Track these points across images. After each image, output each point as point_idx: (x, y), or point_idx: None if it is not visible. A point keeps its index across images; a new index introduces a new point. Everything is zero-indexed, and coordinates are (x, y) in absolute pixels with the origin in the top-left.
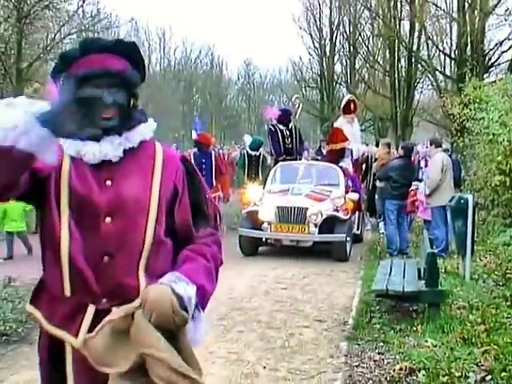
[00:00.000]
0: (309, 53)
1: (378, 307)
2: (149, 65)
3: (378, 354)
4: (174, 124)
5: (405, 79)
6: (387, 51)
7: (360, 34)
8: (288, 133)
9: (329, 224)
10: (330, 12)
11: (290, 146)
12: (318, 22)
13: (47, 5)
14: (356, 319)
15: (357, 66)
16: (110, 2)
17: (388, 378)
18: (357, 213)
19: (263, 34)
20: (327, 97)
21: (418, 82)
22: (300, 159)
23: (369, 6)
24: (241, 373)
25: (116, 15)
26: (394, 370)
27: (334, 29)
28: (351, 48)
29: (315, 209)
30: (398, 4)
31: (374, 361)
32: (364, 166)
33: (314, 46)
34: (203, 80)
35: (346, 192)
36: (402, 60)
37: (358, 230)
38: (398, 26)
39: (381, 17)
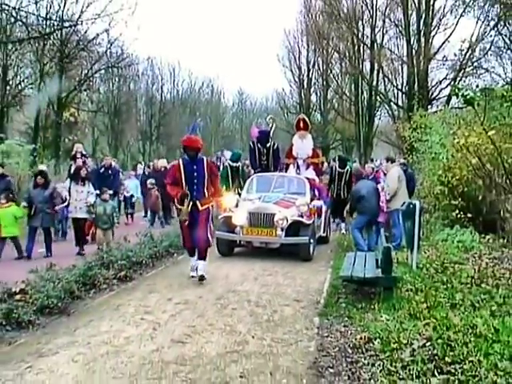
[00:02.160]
0: (290, 85)
1: (344, 290)
2: (161, 94)
3: (344, 326)
4: None
5: (367, 108)
6: (353, 86)
7: (331, 72)
8: (265, 151)
9: (294, 228)
10: (307, 53)
11: (266, 162)
12: (298, 61)
13: (83, 47)
14: (326, 299)
15: (329, 97)
16: (132, 43)
17: (351, 345)
18: (323, 218)
19: (254, 70)
20: None
21: (377, 111)
22: None
23: (338, 49)
24: (234, 341)
25: (136, 55)
26: (356, 339)
27: (310, 67)
28: (324, 82)
29: (282, 214)
30: (361, 49)
31: (340, 332)
32: (329, 177)
33: (294, 80)
34: (205, 106)
35: (312, 200)
36: (365, 93)
37: (324, 232)
38: (361, 66)
39: (347, 58)
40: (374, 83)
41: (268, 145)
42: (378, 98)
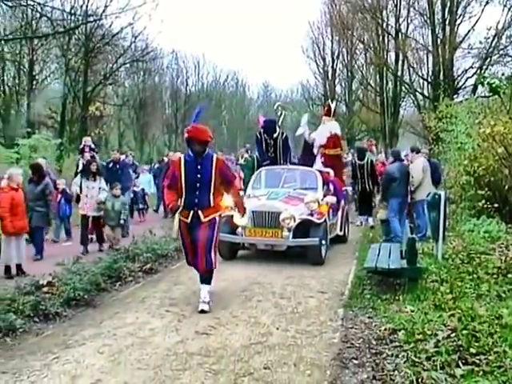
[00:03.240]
0: (315, 77)
1: (368, 281)
2: (186, 87)
3: (368, 318)
4: None
5: (392, 98)
6: (377, 76)
7: (355, 62)
8: (272, 142)
9: (303, 228)
10: (332, 44)
11: (273, 155)
12: (322, 53)
13: (107, 41)
14: (351, 291)
15: (353, 88)
16: (156, 37)
17: (375, 337)
18: (339, 215)
19: (278, 62)
20: None
21: (402, 101)
22: None
23: (362, 39)
24: (258, 332)
25: (160, 48)
26: (380, 331)
27: (334, 58)
28: (349, 73)
29: (288, 213)
30: (386, 39)
31: (365, 323)
32: (351, 170)
33: (319, 72)
34: (230, 99)
35: (326, 195)
36: (390, 83)
37: (341, 231)
38: (385, 56)
39: (372, 49)
40: (399, 73)
41: (275, 135)
42: (403, 88)
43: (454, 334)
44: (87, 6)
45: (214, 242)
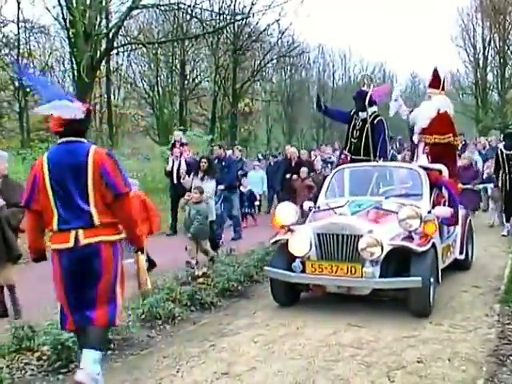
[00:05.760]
0: (464, 65)
1: None
2: (333, 81)
3: None
4: None
5: None
6: None
7: (509, 48)
8: (360, 124)
9: (398, 259)
10: (482, 31)
11: (357, 141)
12: (472, 40)
13: (255, 39)
14: (507, 286)
15: (506, 75)
16: (302, 32)
17: None
18: (459, 231)
19: (426, 52)
20: (481, 101)
21: None
22: None
23: None
24: (411, 326)
25: (307, 43)
26: None
27: (486, 45)
28: (501, 60)
29: (372, 237)
30: None
31: None
32: (495, 161)
33: (469, 60)
34: None
35: (435, 205)
36: None
37: (461, 253)
38: None
39: None
40: None
41: (363, 115)
42: None
43: None
44: (235, 6)
45: (113, 283)
